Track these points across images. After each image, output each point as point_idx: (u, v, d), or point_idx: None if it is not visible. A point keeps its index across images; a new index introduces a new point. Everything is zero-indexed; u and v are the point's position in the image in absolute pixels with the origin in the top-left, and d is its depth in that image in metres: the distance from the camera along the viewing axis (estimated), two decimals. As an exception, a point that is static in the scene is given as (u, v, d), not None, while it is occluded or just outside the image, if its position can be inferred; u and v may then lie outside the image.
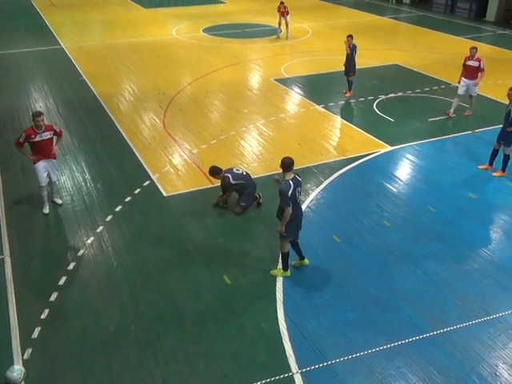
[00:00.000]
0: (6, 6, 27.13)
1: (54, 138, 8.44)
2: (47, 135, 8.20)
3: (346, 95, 13.85)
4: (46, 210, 8.55)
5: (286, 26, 20.46)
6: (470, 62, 12.18)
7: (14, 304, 6.56)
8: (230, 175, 8.43)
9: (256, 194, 8.75)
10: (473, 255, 7.52)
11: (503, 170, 9.76)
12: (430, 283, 6.93)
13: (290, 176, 6.58)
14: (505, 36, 21.65)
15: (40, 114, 8.10)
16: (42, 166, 8.28)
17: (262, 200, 8.78)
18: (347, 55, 13.53)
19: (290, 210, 6.50)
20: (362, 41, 20.04)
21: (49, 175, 8.46)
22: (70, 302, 6.62)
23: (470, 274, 7.11)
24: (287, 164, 6.54)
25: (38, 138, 8.10)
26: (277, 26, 20.76)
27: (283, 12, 20.50)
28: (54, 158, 8.50)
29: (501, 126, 9.76)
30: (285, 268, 7.06)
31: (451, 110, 12.51)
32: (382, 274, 7.14)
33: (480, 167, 10.02)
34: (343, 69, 13.75)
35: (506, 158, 9.64)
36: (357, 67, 13.82)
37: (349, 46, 13.42)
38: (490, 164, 9.94)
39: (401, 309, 6.48)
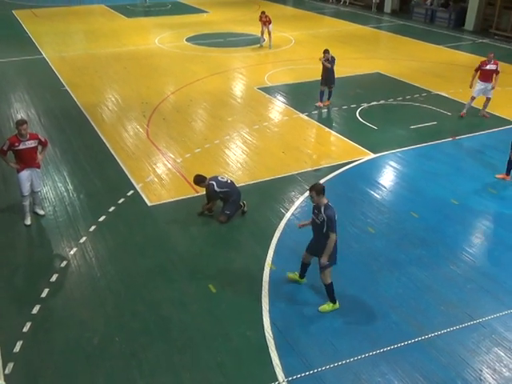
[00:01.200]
0: (-14, 16, 26.88)
1: (39, 147, 8.36)
2: (31, 144, 8.12)
3: (325, 105, 13.83)
4: (28, 221, 8.43)
5: (269, 34, 20.60)
6: (488, 67, 12.71)
7: (-5, 317, 6.45)
8: (214, 183, 8.42)
9: (241, 202, 8.74)
10: (456, 261, 7.60)
11: (507, 173, 9.92)
12: (415, 289, 6.98)
13: (325, 200, 6.19)
14: (483, 45, 22.06)
15: (23, 122, 8.03)
16: (25, 175, 8.18)
17: (246, 208, 8.78)
18: (327, 68, 13.43)
19: (335, 236, 6.11)
20: (344, 50, 20.31)
21: (32, 185, 8.35)
22: (52, 315, 6.52)
23: (454, 280, 7.18)
24: (322, 188, 6.16)
25: (21, 146, 8.01)
26: (259, 36, 20.88)
27: (265, 21, 20.65)
28: (38, 168, 8.40)
29: (481, 132, 9.91)
30: (333, 301, 6.57)
31: (464, 111, 13.12)
32: (367, 280, 7.17)
33: (497, 176, 10.05)
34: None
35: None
36: (340, 76, 13.95)
37: (327, 60, 13.36)
38: (507, 174, 9.98)
39: (386, 315, 6.51)
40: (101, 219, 8.56)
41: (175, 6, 31.33)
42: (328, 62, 13.40)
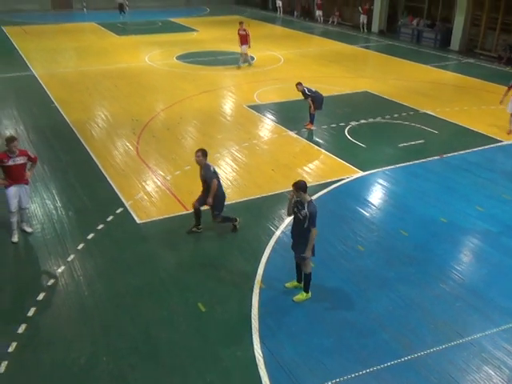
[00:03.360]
0: (-24, 33, 26.88)
1: (28, 163, 8.32)
2: (20, 160, 8.09)
3: (308, 127, 13.68)
4: (15, 238, 8.34)
5: (242, 52, 20.22)
6: None
7: (-20, 337, 6.33)
8: (211, 165, 8.33)
9: (236, 219, 8.71)
10: (445, 278, 7.63)
11: None
12: (404, 307, 6.99)
13: (308, 198, 6.63)
14: (469, 64, 22.48)
15: (14, 139, 8.03)
16: (13, 191, 8.13)
17: (239, 225, 8.75)
18: (308, 98, 13.28)
19: (316, 230, 6.58)
20: (332, 68, 20.59)
21: (20, 201, 8.28)
22: (39, 334, 6.42)
23: (443, 298, 7.20)
24: (305, 186, 6.56)
25: (10, 163, 7.99)
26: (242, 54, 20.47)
27: (242, 35, 20.12)
28: (27, 184, 8.35)
29: (467, 150, 10.03)
30: (307, 290, 7.07)
31: (510, 129, 13.43)
32: (357, 298, 7.17)
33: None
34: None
35: None
36: (328, 94, 14.03)
37: (303, 91, 13.21)
38: None
39: (376, 333, 6.50)
40: (89, 237, 8.49)
41: (165, 24, 31.61)
42: (308, 93, 13.25)
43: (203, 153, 8.30)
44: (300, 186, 6.57)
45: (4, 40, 25.35)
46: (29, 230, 8.63)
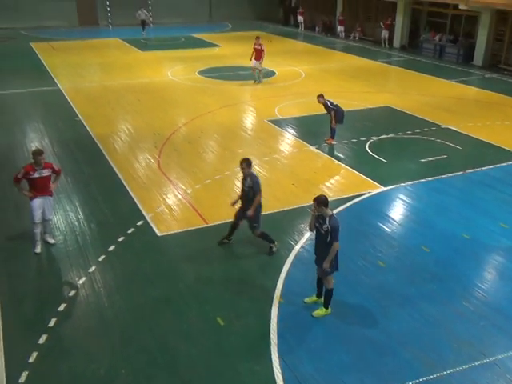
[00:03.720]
0: (6, 49, 27.66)
1: (53, 175, 8.48)
2: (46, 172, 8.26)
3: (329, 142, 13.65)
4: (38, 249, 8.47)
5: (256, 68, 19.87)
6: None
7: (2, 347, 6.40)
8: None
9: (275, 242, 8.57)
10: (468, 296, 7.47)
11: None
12: (426, 325, 6.86)
13: (330, 212, 6.62)
14: (492, 79, 22.24)
15: (41, 152, 8.19)
16: (37, 202, 8.28)
17: (276, 249, 8.52)
18: (332, 111, 13.26)
19: (338, 244, 6.54)
20: (353, 83, 20.58)
21: (43, 213, 8.42)
22: (59, 345, 6.47)
23: (466, 316, 7.05)
24: (326, 200, 6.57)
25: (36, 175, 8.15)
26: (260, 69, 19.91)
27: (257, 50, 19.55)
28: (51, 196, 8.51)
29: (490, 166, 9.88)
30: (327, 306, 7.00)
31: None
32: (377, 315, 7.06)
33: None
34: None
35: None
36: (350, 109, 14.01)
37: (326, 104, 13.20)
38: None
39: (397, 352, 6.38)
40: (110, 249, 8.57)
41: (188, 40, 32.07)
42: (331, 106, 13.23)
43: (247, 163, 8.14)
44: (321, 201, 6.56)
45: (32, 56, 26.02)
46: (51, 241, 8.75)
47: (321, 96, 13.31)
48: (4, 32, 32.60)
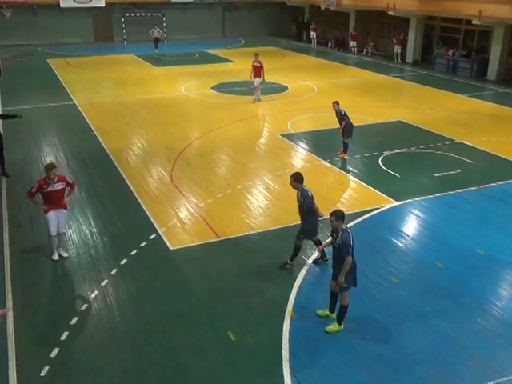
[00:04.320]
0: (24, 66, 28.18)
1: (67, 189, 8.59)
2: (59, 186, 8.36)
3: (342, 157, 13.63)
4: (56, 256, 8.66)
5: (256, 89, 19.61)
6: None
7: (14, 360, 6.43)
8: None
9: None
10: (483, 314, 7.35)
11: None
12: (441, 343, 6.75)
13: (343, 226, 6.67)
14: (506, 94, 22.11)
15: (53, 167, 8.30)
16: (52, 215, 8.41)
17: (289, 267, 8.43)
18: (343, 120, 13.22)
19: (350, 259, 6.57)
20: (366, 98, 20.60)
21: (58, 226, 8.54)
22: (71, 359, 6.48)
23: (482, 333, 6.93)
24: (341, 215, 6.64)
25: (49, 189, 8.28)
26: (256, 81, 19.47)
27: (256, 67, 19.27)
28: (65, 209, 8.62)
29: (505, 181, 9.78)
30: (340, 322, 6.95)
31: None
32: (390, 332, 6.97)
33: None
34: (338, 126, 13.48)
35: None
36: (362, 124, 13.96)
37: (340, 112, 13.17)
38: None
39: (411, 369, 6.28)
40: (122, 262, 8.60)
41: (202, 55, 32.42)
42: (342, 114, 13.20)
43: (296, 177, 7.99)
44: (337, 215, 6.65)
45: (49, 71, 26.48)
46: (65, 254, 8.82)
47: (336, 103, 13.30)
48: (22, 49, 33.29)
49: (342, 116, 13.30)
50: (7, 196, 11.26)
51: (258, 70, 19.28)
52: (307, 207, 7.99)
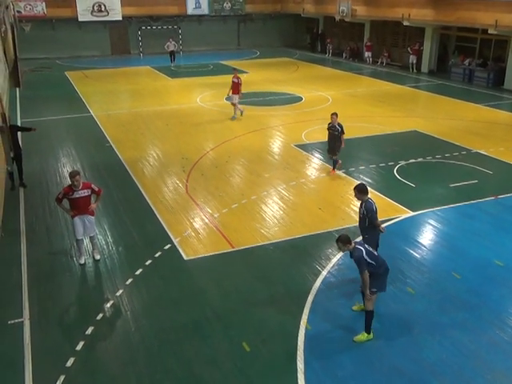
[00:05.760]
0: (42, 78, 28.73)
1: (94, 195, 8.84)
2: (84, 193, 8.61)
3: (331, 173, 13.17)
4: (82, 260, 8.97)
5: (233, 105, 18.80)
6: None
7: (31, 370, 6.47)
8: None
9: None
10: (502, 325, 7.21)
11: None
12: (458, 355, 6.63)
13: (351, 246, 6.65)
14: (524, 103, 21.86)
15: (76, 174, 8.56)
16: (78, 221, 8.73)
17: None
18: (333, 135, 12.68)
19: (366, 275, 6.61)
20: (381, 108, 20.54)
21: (85, 230, 8.83)
22: (86, 369, 6.50)
23: (500, 346, 6.79)
24: (346, 239, 6.65)
25: (75, 195, 8.56)
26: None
27: (235, 83, 18.39)
28: (91, 215, 8.85)
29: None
30: (368, 331, 6.91)
31: None
32: (407, 344, 6.87)
33: None
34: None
35: None
36: (377, 133, 13.82)
37: (337, 125, 12.57)
38: None
39: (427, 382, 6.18)
40: (137, 272, 8.64)
41: (216, 66, 32.67)
42: (338, 126, 12.61)
43: (360, 189, 7.73)
44: (342, 241, 6.69)
45: (66, 84, 26.93)
46: (97, 257, 9.09)
47: (336, 114, 12.79)
48: (41, 62, 33.94)
49: (342, 131, 12.63)
50: (25, 206, 11.42)
51: (236, 86, 18.51)
52: (369, 221, 7.78)
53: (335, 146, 12.84)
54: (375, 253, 6.87)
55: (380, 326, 7.23)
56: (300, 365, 6.47)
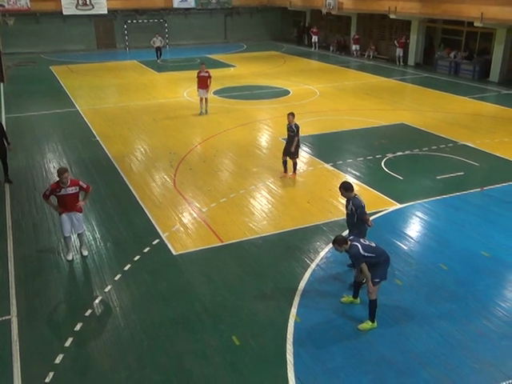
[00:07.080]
0: (26, 72, 28.35)
1: (82, 192, 8.73)
2: (72, 190, 8.49)
3: (291, 177, 12.58)
4: (70, 256, 8.89)
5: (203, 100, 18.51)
6: None
7: (19, 367, 6.42)
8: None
9: None
10: (489, 315, 7.31)
11: None
12: (446, 345, 6.71)
13: (347, 246, 6.73)
14: (509, 96, 22.05)
15: (64, 171, 8.44)
16: (65, 217, 8.63)
17: None
18: (290, 136, 12.21)
19: (365, 266, 6.70)
20: (369, 101, 20.60)
21: (73, 227, 8.76)
22: (75, 365, 6.47)
23: (487, 336, 6.88)
24: (342, 240, 6.73)
25: (62, 192, 8.44)
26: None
27: (201, 78, 18.15)
28: (79, 212, 8.76)
29: (509, 183, 9.75)
30: (372, 319, 6.99)
31: None
32: (395, 335, 6.94)
33: None
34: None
35: None
36: (364, 126, 13.84)
37: (294, 126, 12.11)
38: None
39: (416, 372, 6.24)
40: (126, 268, 8.60)
41: (203, 60, 32.36)
42: (294, 127, 12.14)
43: (346, 187, 7.79)
44: (338, 242, 6.76)
45: (51, 78, 26.61)
46: (85, 253, 9.03)
47: (292, 114, 12.29)
48: (26, 56, 33.48)
49: (297, 132, 12.18)
50: (11, 202, 11.29)
51: (205, 81, 18.25)
52: (358, 216, 7.82)
53: (292, 148, 12.25)
54: (372, 244, 6.92)
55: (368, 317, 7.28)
56: (290, 357, 6.50)
